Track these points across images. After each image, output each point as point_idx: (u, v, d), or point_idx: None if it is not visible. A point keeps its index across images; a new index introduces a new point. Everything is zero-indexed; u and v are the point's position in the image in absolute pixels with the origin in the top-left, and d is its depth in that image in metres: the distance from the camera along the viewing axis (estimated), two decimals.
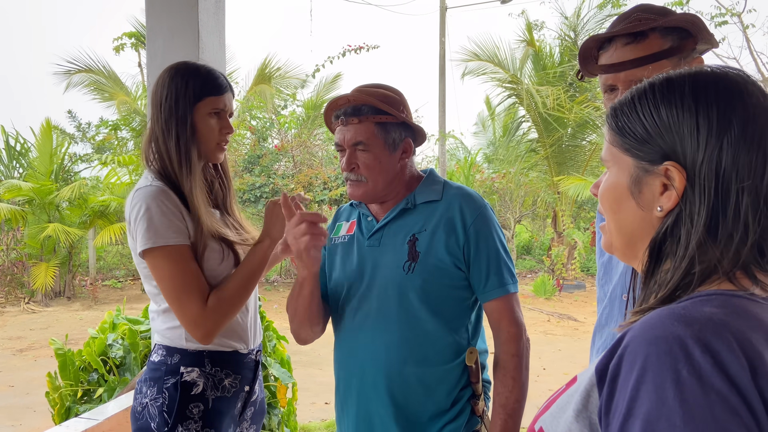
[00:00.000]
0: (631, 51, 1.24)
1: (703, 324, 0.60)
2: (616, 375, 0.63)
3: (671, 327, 0.61)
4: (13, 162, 13.31)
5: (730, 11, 8.67)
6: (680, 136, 0.69)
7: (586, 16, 11.63)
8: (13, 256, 11.63)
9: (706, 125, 0.67)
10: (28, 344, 8.14)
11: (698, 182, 0.67)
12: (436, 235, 1.46)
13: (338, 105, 1.50)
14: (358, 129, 1.47)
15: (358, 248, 1.54)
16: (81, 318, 9.94)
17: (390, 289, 1.45)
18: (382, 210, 1.56)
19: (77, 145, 13.26)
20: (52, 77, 12.31)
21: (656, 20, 1.23)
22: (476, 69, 12.40)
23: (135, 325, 2.68)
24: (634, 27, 1.23)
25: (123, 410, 2.09)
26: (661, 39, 1.23)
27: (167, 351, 1.55)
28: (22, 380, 6.34)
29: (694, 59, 1.26)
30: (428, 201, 1.52)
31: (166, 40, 2.35)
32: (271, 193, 11.11)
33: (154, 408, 1.52)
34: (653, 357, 0.59)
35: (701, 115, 0.68)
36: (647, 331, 0.62)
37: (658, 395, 0.58)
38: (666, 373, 0.58)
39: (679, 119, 0.69)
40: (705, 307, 0.63)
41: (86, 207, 11.70)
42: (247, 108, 12.17)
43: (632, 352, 0.62)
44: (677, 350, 0.59)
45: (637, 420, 0.59)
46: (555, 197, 12.05)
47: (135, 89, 12.97)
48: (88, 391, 2.54)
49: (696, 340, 0.59)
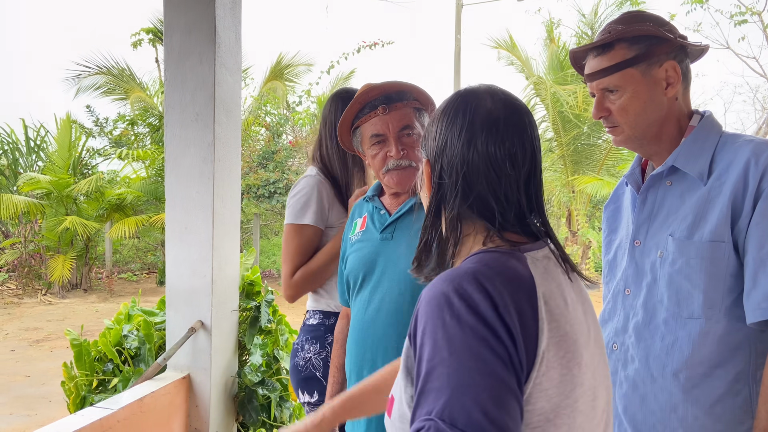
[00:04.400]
0: (599, 62, 1.36)
1: (461, 277, 0.79)
2: (414, 333, 0.80)
3: (440, 286, 0.79)
4: (32, 155, 13.49)
5: (750, 10, 8.55)
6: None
7: (603, 13, 11.52)
8: (31, 248, 11.78)
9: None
10: (45, 335, 8.25)
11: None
12: None
13: (378, 93, 1.52)
14: (407, 111, 1.51)
15: (370, 242, 1.55)
16: (97, 310, 10.05)
17: (403, 283, 1.45)
18: (396, 203, 1.57)
19: (95, 139, 13.38)
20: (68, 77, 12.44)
21: (621, 31, 1.32)
22: (506, 57, 12.34)
23: (150, 316, 2.71)
24: (602, 40, 1.33)
25: (137, 400, 2.12)
26: (627, 48, 1.32)
27: (324, 315, 2.00)
28: (38, 371, 6.43)
29: (664, 63, 1.33)
30: None
31: (183, 36, 2.37)
32: (285, 189, 11.14)
33: (318, 360, 1.94)
34: (429, 313, 0.77)
35: None
36: (426, 294, 0.80)
37: (433, 340, 0.75)
38: (437, 322, 0.76)
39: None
40: (466, 264, 0.83)
41: (103, 200, 11.81)
42: (261, 104, 12.21)
43: (420, 313, 0.80)
44: (443, 303, 0.76)
45: (423, 363, 0.75)
46: (570, 196, 11.96)
47: (152, 84, 13.06)
48: (103, 381, 2.57)
49: (454, 291, 0.77)
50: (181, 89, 2.39)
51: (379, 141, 1.51)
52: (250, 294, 2.78)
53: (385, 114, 1.49)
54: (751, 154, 1.22)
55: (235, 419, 2.61)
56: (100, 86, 12.65)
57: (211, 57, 2.35)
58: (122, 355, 2.61)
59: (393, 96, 1.51)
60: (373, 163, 1.55)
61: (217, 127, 2.38)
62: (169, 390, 2.30)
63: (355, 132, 1.58)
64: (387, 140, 1.50)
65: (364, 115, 1.52)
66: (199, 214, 2.39)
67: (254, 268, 2.89)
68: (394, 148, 1.48)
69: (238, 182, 2.57)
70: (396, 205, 1.57)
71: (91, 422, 1.90)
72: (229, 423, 2.57)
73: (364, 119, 1.53)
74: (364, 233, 1.58)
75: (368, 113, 1.52)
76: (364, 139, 1.56)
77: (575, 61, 1.46)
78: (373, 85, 1.52)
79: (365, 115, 1.52)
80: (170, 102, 2.41)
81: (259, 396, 2.58)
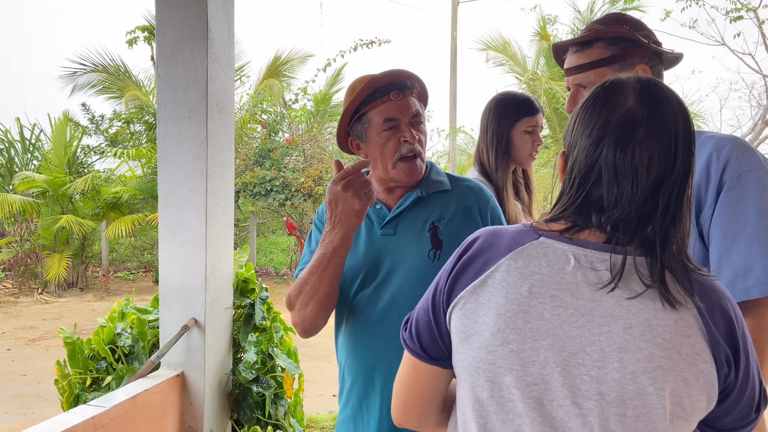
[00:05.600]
0: (578, 58, 1.40)
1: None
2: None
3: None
4: (27, 154, 13.45)
5: (745, 6, 8.55)
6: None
7: (599, 10, 11.53)
8: (26, 247, 11.75)
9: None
10: (41, 334, 8.23)
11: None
12: (455, 223, 1.47)
13: (392, 78, 1.48)
14: (415, 101, 1.50)
15: (368, 237, 1.49)
16: (93, 309, 10.03)
17: (413, 279, 1.40)
18: (392, 198, 1.54)
19: (90, 137, 13.35)
20: (63, 73, 12.40)
21: (600, 31, 1.37)
22: (494, 58, 12.35)
23: (144, 314, 2.70)
24: (582, 37, 1.38)
25: (130, 398, 2.11)
26: (604, 48, 1.37)
27: None
28: (34, 369, 6.41)
29: (637, 66, 1.36)
30: (440, 190, 1.52)
31: (175, 32, 2.36)
32: (281, 187, 11.12)
33: None
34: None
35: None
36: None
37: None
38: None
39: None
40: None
41: (99, 199, 11.79)
42: (257, 102, 12.18)
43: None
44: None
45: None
46: None
47: (147, 82, 13.03)
48: (96, 379, 2.56)
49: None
50: (174, 86, 2.38)
51: (392, 126, 1.47)
52: (245, 291, 2.77)
53: (398, 99, 1.46)
54: (712, 149, 1.28)
55: (229, 417, 2.60)
56: (95, 84, 12.62)
57: (204, 53, 2.34)
58: (116, 353, 2.60)
59: (403, 83, 1.49)
60: (383, 150, 1.48)
61: (210, 124, 2.37)
62: (162, 388, 2.30)
63: (361, 119, 1.51)
64: (400, 126, 1.46)
65: (375, 100, 1.48)
66: (192, 212, 2.38)
67: (248, 265, 2.88)
68: (409, 132, 1.45)
69: (231, 179, 2.56)
70: (392, 200, 1.53)
71: (83, 420, 1.89)
72: (223, 421, 2.56)
73: (375, 104, 1.48)
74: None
75: (380, 98, 1.47)
76: (373, 125, 1.49)
77: (557, 54, 1.49)
78: (384, 72, 1.48)
79: (376, 100, 1.47)
80: (162, 99, 2.40)
81: (253, 393, 2.57)
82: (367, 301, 1.45)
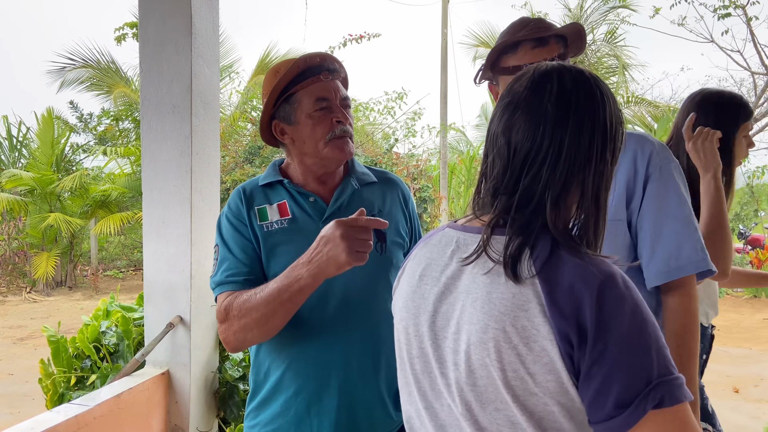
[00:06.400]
0: (538, 54, 1.47)
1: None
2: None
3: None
4: (14, 152, 13.34)
5: (734, 3, 8.59)
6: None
7: (589, 8, 11.56)
8: (14, 245, 11.66)
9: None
10: (29, 333, 8.16)
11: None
12: (393, 214, 1.50)
13: (321, 59, 1.46)
14: (341, 85, 1.49)
15: (308, 232, 1.38)
16: (82, 307, 9.96)
17: (365, 273, 1.35)
18: (325, 189, 1.48)
19: (79, 135, 13.24)
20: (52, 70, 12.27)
21: (553, 29, 1.47)
22: (483, 55, 12.35)
23: (128, 312, 2.67)
24: (540, 33, 1.46)
25: (114, 396, 2.09)
26: (557, 44, 1.48)
27: None
28: (22, 369, 6.37)
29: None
30: (368, 182, 1.53)
31: (159, 25, 2.33)
32: None
33: None
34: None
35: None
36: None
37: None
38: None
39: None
40: None
41: (87, 197, 11.71)
42: (247, 99, 12.12)
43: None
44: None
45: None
46: None
47: (136, 79, 12.93)
48: (81, 377, 2.54)
49: None
50: (158, 81, 2.35)
51: (324, 107, 1.43)
52: None
53: (328, 80, 1.44)
54: (636, 146, 1.42)
55: (216, 415, 2.58)
56: (83, 80, 12.50)
57: (188, 48, 2.31)
58: (100, 352, 2.57)
59: (332, 65, 1.48)
60: (314, 131, 1.42)
61: (195, 120, 2.35)
62: (147, 386, 2.27)
63: (289, 99, 1.45)
64: (331, 107, 1.43)
65: (305, 80, 1.44)
66: (176, 208, 2.36)
67: None
68: (341, 113, 1.43)
69: (217, 176, 2.53)
70: (325, 191, 1.48)
71: (66, 419, 1.87)
72: (209, 419, 2.54)
73: (305, 83, 1.43)
74: (291, 222, 1.43)
75: (310, 77, 1.44)
76: (303, 105, 1.43)
77: (492, 57, 1.51)
78: (312, 53, 1.46)
79: (306, 80, 1.44)
80: (146, 94, 2.37)
81: (240, 391, 2.55)
82: (317, 301, 1.36)
